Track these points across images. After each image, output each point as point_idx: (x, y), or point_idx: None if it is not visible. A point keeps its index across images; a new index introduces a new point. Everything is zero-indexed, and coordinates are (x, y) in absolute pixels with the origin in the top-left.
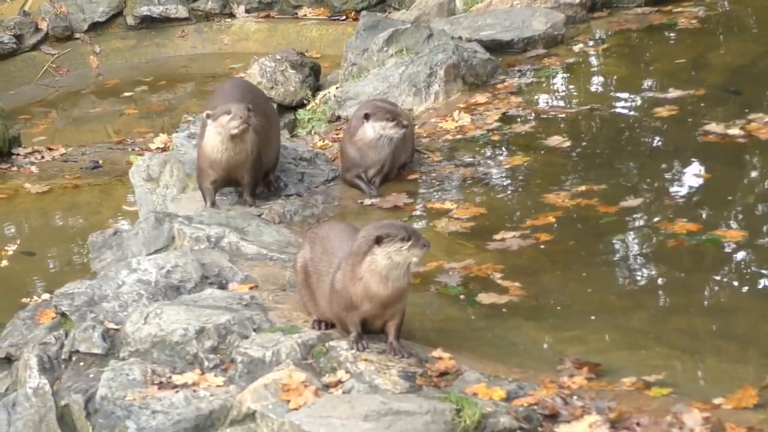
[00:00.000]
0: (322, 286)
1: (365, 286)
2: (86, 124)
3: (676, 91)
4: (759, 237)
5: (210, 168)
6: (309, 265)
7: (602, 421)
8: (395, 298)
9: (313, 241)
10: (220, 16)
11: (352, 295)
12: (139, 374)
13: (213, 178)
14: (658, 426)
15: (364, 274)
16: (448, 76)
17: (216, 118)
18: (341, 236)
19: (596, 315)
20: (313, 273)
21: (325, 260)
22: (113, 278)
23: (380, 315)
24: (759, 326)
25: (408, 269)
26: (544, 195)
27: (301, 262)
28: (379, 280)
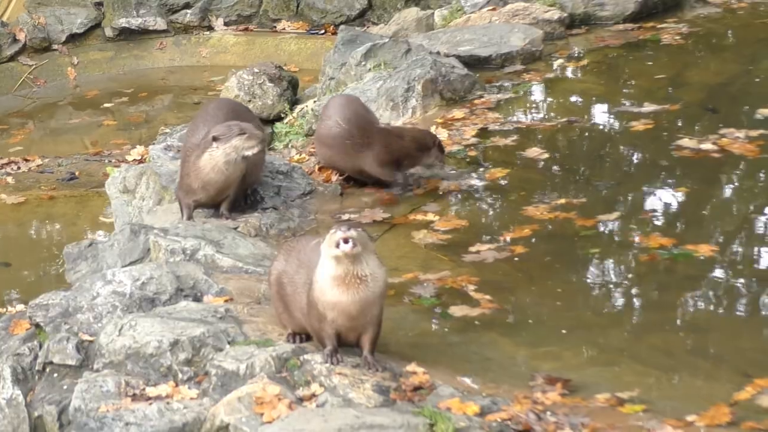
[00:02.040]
0: (297, 298)
1: (321, 290)
2: (63, 135)
3: (652, 106)
4: (730, 252)
5: (202, 189)
6: (283, 276)
7: None
8: (358, 308)
9: (288, 253)
10: (198, 29)
11: (315, 301)
12: (113, 386)
13: (199, 197)
14: None
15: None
16: (425, 91)
17: (228, 140)
18: (316, 248)
19: (571, 331)
20: (287, 284)
21: (301, 272)
22: (88, 290)
23: (351, 327)
24: (732, 344)
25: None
26: (523, 208)
27: (276, 274)
28: (331, 284)
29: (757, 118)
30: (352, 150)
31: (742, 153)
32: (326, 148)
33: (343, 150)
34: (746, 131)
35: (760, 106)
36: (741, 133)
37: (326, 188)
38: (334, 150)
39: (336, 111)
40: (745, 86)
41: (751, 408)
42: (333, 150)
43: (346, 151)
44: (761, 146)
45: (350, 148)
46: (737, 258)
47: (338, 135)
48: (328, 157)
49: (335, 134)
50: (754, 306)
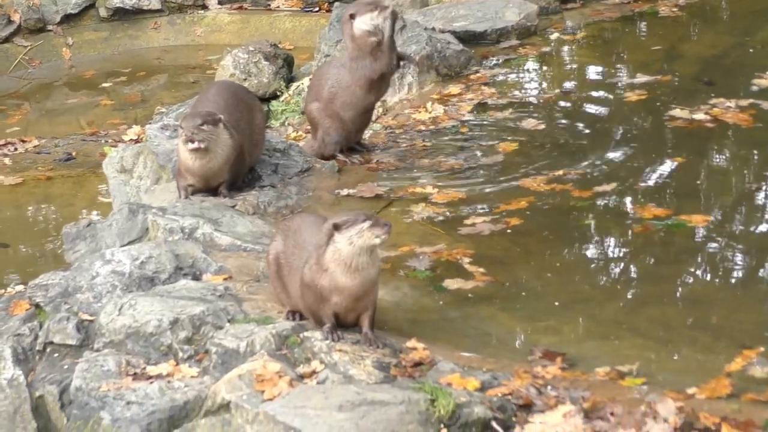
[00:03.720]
0: (294, 279)
1: (332, 277)
2: (59, 116)
3: (647, 77)
4: (726, 223)
5: (186, 172)
6: (281, 257)
7: (576, 411)
8: (365, 289)
9: (285, 233)
10: (193, 8)
11: (321, 288)
12: (114, 365)
13: (190, 182)
14: (632, 416)
15: (329, 265)
16: (421, 68)
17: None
18: (313, 228)
19: (569, 305)
20: (285, 265)
21: (296, 253)
22: (87, 269)
23: (353, 308)
24: (732, 316)
25: (374, 255)
26: (521, 180)
27: (273, 254)
28: (345, 270)
29: (752, 89)
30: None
31: (736, 122)
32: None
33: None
34: (736, 101)
35: (755, 77)
36: (732, 103)
37: (323, 165)
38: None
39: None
40: (739, 58)
41: (751, 380)
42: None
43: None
44: (754, 115)
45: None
46: (733, 228)
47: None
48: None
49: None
50: (752, 277)
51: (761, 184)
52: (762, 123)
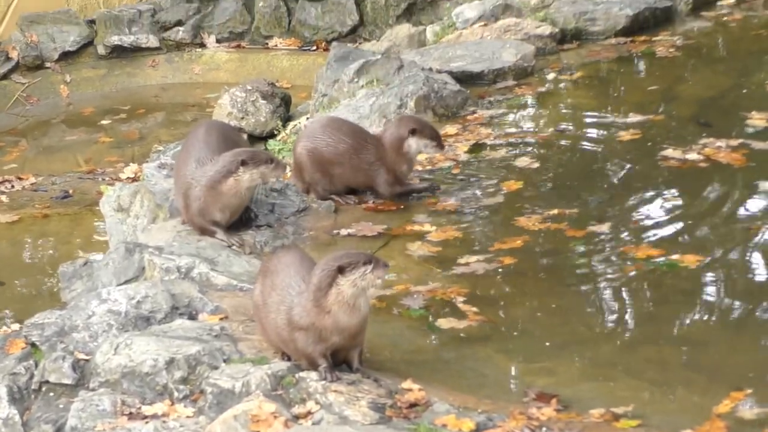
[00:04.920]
0: (270, 319)
1: (335, 319)
2: (56, 153)
3: (642, 117)
4: (721, 263)
5: (219, 211)
6: (259, 298)
7: None
8: (363, 326)
9: (264, 274)
10: (190, 46)
11: (321, 329)
12: (109, 405)
13: (217, 219)
14: None
15: (332, 307)
16: (418, 108)
17: (257, 165)
18: (290, 269)
19: (565, 346)
20: (262, 306)
21: (272, 294)
22: (83, 308)
23: (348, 346)
24: (727, 357)
25: (369, 293)
26: (515, 218)
27: (256, 296)
28: (348, 310)
29: (746, 130)
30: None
31: (729, 162)
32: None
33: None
34: (727, 140)
35: (749, 117)
36: (723, 143)
37: (320, 205)
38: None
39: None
40: (736, 99)
41: (745, 421)
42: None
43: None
44: (746, 155)
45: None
46: (727, 269)
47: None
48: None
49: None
50: (746, 318)
51: (755, 225)
52: (755, 162)
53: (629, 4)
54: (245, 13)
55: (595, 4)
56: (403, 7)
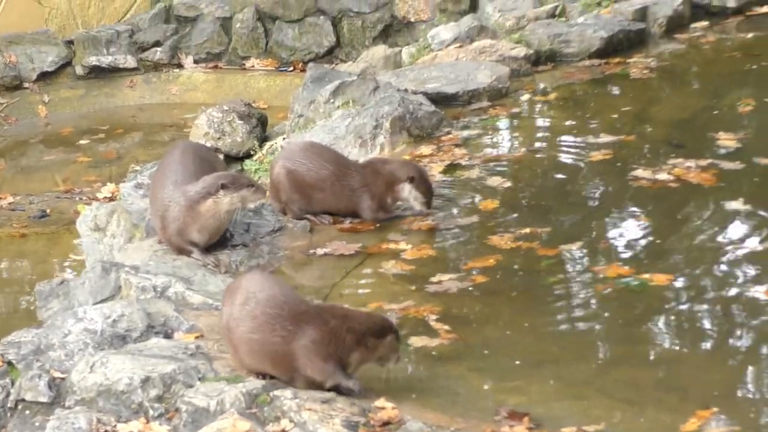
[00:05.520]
0: (254, 340)
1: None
2: (34, 173)
3: (611, 137)
4: (691, 282)
5: (197, 232)
6: (230, 320)
7: None
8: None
9: (232, 296)
10: (168, 67)
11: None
12: (85, 423)
13: (195, 240)
14: None
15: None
16: (393, 128)
17: (238, 189)
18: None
19: (537, 365)
20: (234, 328)
21: (246, 312)
22: (60, 327)
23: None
24: (698, 377)
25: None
26: (488, 237)
27: (225, 319)
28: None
29: (717, 151)
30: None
31: (700, 182)
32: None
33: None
34: (696, 161)
35: (720, 138)
36: (692, 163)
37: (296, 224)
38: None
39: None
40: (708, 121)
41: None
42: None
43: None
44: (716, 175)
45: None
46: (697, 288)
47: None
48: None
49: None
50: (717, 337)
51: (724, 244)
52: (725, 182)
53: (603, 27)
54: (222, 34)
55: (570, 27)
56: (379, 28)
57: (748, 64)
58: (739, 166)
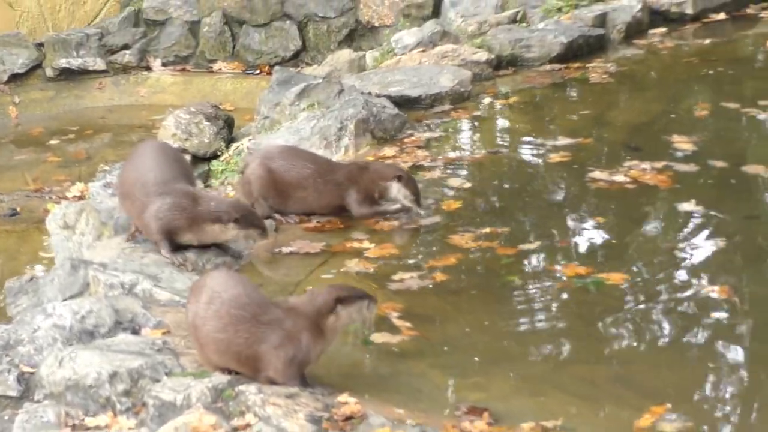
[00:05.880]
0: (220, 340)
1: (326, 343)
2: (5, 172)
3: (569, 140)
4: (646, 281)
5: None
6: (196, 318)
7: None
8: None
9: (197, 294)
10: (137, 69)
11: (314, 353)
12: (53, 416)
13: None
14: None
15: (328, 333)
16: (357, 130)
17: (247, 228)
18: (227, 286)
19: (497, 362)
20: (201, 326)
21: (211, 311)
22: (29, 323)
23: None
24: (653, 374)
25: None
26: (449, 236)
27: (191, 316)
28: (334, 339)
29: (674, 154)
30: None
31: (656, 183)
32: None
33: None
34: (651, 163)
35: (676, 141)
36: (647, 165)
37: None
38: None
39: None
40: (665, 124)
41: None
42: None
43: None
44: (671, 176)
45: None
46: (652, 287)
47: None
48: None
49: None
50: (672, 335)
51: (678, 244)
52: (680, 184)
53: (563, 32)
54: (190, 38)
55: (531, 32)
56: (344, 33)
57: (705, 70)
58: (695, 168)
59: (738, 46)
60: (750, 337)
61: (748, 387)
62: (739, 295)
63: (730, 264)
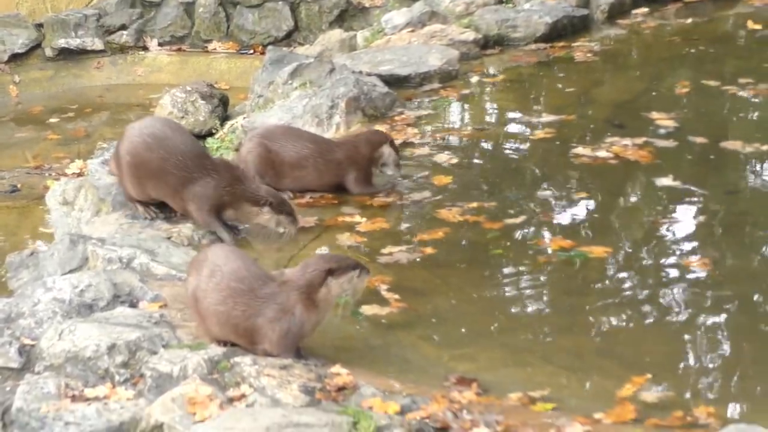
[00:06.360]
0: (220, 312)
1: (318, 314)
2: (6, 149)
3: (553, 117)
4: (628, 254)
5: (228, 213)
6: (198, 291)
7: None
8: None
9: (198, 267)
10: (134, 49)
11: (310, 324)
12: (53, 388)
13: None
14: None
15: (320, 303)
16: (348, 108)
17: (280, 213)
18: (234, 263)
19: (485, 334)
20: (202, 299)
21: (222, 288)
22: (29, 296)
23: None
24: (638, 346)
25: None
26: (437, 211)
27: (191, 290)
28: (328, 310)
29: (656, 131)
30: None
31: (637, 159)
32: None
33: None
34: (632, 139)
35: (660, 118)
36: (628, 141)
37: None
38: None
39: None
40: (648, 102)
41: (653, 405)
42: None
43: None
44: (651, 152)
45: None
46: (635, 260)
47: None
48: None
49: (306, 155)
50: (655, 307)
51: (658, 217)
52: (660, 159)
53: (548, 13)
54: (186, 18)
55: (516, 12)
56: (335, 13)
57: (687, 49)
58: (674, 144)
59: (719, 25)
60: (730, 309)
61: (729, 358)
62: (720, 267)
63: (711, 237)
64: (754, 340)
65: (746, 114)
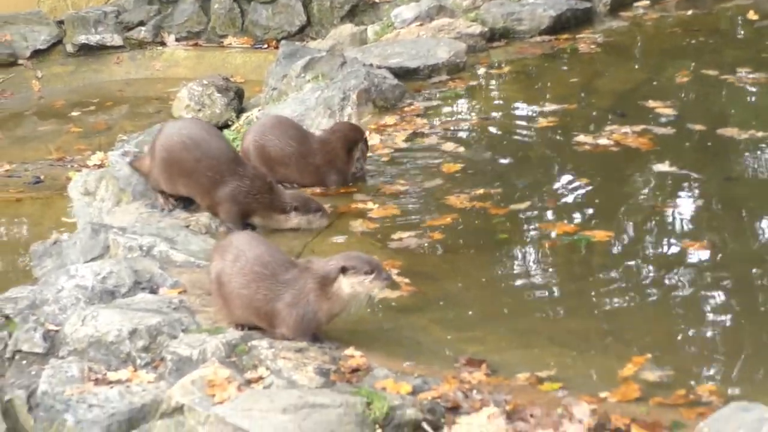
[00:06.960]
0: (237, 294)
1: (330, 306)
2: (29, 142)
3: (556, 106)
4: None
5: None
6: (222, 275)
7: (499, 413)
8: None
9: (223, 252)
10: (152, 44)
11: (318, 313)
12: (77, 371)
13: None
14: (550, 417)
15: (332, 295)
16: (360, 100)
17: (306, 213)
18: (258, 249)
19: (493, 317)
20: (226, 283)
21: (236, 268)
22: (53, 284)
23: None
24: (642, 327)
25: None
26: (446, 197)
27: (215, 273)
28: (342, 305)
29: (657, 119)
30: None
31: (638, 146)
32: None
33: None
34: (631, 126)
35: (661, 107)
36: (628, 129)
37: None
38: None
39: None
40: (648, 92)
41: (657, 384)
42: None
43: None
44: (652, 139)
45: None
46: (637, 244)
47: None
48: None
49: (289, 153)
50: (654, 288)
51: (658, 202)
52: (660, 146)
53: (552, 6)
54: (202, 14)
55: (522, 6)
56: (346, 8)
57: (687, 40)
58: (675, 131)
59: (719, 17)
60: (730, 290)
61: (729, 337)
62: (720, 250)
63: (711, 222)
64: (753, 320)
65: (744, 102)
